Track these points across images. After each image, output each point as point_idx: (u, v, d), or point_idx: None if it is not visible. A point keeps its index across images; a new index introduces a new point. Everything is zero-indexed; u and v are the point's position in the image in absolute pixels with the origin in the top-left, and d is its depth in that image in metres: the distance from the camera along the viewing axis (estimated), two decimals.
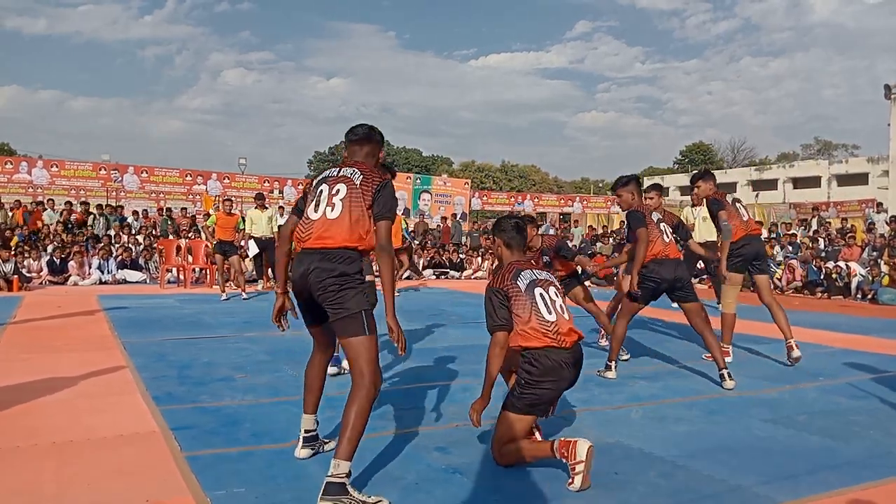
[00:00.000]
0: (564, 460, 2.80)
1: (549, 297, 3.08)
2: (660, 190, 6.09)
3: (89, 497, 2.64)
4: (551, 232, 18.00)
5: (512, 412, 3.02)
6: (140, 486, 2.74)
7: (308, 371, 3.16)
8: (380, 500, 2.60)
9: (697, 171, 6.20)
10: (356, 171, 2.91)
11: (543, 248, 5.85)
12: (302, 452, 3.12)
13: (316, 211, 2.86)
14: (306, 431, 3.15)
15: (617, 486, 2.87)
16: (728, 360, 5.42)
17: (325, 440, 3.24)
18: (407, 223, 13.66)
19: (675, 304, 10.05)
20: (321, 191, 2.90)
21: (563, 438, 2.86)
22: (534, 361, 2.98)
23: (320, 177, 3.01)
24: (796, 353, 5.42)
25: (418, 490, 2.78)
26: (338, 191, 2.86)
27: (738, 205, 5.79)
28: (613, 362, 5.06)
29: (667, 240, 4.93)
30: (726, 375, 4.66)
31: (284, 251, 3.04)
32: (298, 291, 2.89)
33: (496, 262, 3.40)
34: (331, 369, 4.79)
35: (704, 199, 5.80)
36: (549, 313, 3.03)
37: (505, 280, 3.08)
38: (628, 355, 5.77)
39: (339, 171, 2.95)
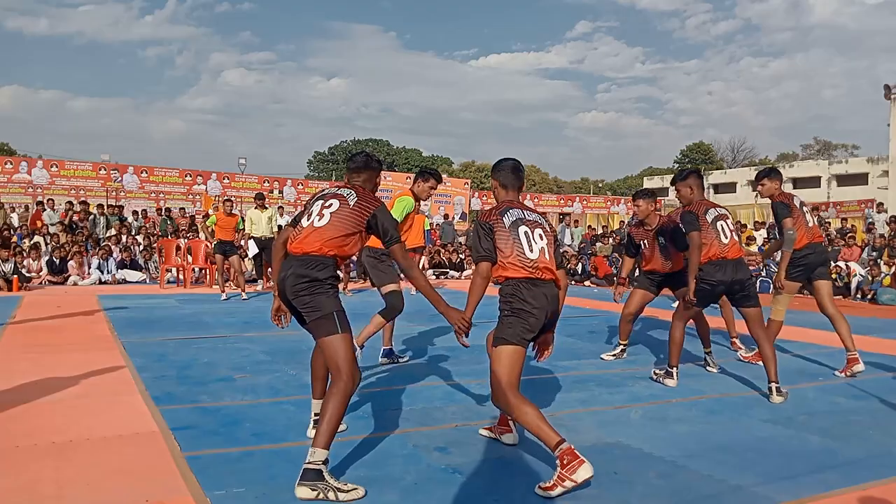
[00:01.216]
0: (559, 465, 2.74)
1: (533, 238, 3.12)
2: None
3: (89, 497, 2.64)
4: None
5: (504, 345, 3.03)
6: (140, 486, 2.74)
7: (314, 361, 3.40)
8: (356, 489, 2.71)
9: (764, 167, 5.63)
10: (352, 192, 3.16)
11: (660, 229, 5.44)
12: (312, 432, 3.21)
13: (307, 221, 3.10)
14: (316, 415, 3.35)
15: (617, 486, 2.87)
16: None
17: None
18: (431, 225, 13.59)
19: (675, 305, 10.08)
20: (317, 204, 3.16)
21: (573, 447, 2.78)
22: (516, 289, 3.05)
23: (318, 193, 3.27)
24: (859, 366, 5.15)
25: (418, 490, 2.78)
26: (330, 204, 3.11)
27: (804, 209, 5.32)
28: (675, 367, 4.79)
29: (725, 240, 4.57)
30: (773, 389, 4.38)
31: (278, 258, 3.19)
32: (280, 294, 3.11)
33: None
34: (381, 360, 5.32)
35: (770, 200, 5.34)
36: (531, 251, 3.08)
37: (492, 215, 3.16)
38: (618, 349, 5.84)
39: (336, 190, 3.20)
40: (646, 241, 5.56)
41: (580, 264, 14.94)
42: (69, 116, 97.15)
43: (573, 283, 14.59)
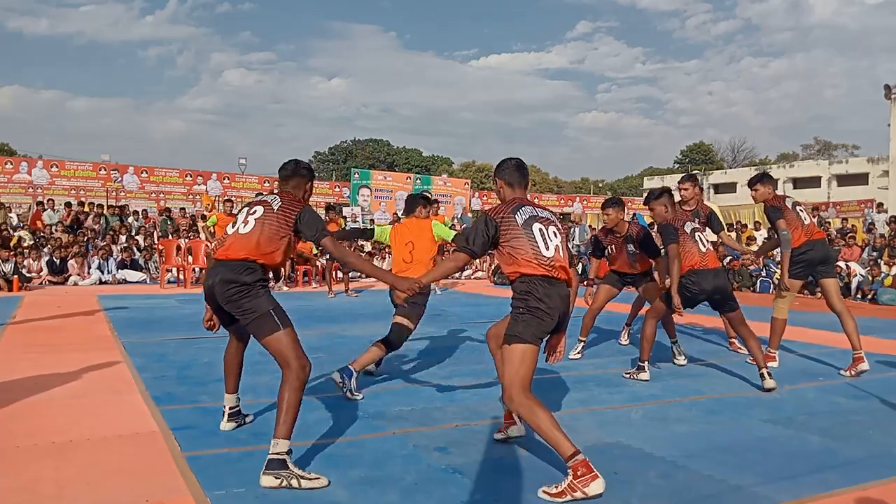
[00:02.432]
0: (571, 474, 2.69)
1: (549, 235, 3.06)
2: (695, 180, 5.88)
3: (89, 497, 2.64)
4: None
5: (518, 343, 2.94)
6: (140, 486, 2.74)
7: (226, 357, 3.55)
8: (318, 478, 2.80)
9: (756, 174, 5.84)
10: (276, 198, 3.24)
11: (628, 236, 5.61)
12: (227, 425, 3.53)
13: (233, 228, 3.21)
14: (230, 408, 3.57)
15: (617, 486, 2.87)
16: (774, 365, 5.30)
17: (247, 414, 3.68)
18: (455, 225, 13.58)
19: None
20: (242, 213, 3.27)
21: (588, 461, 2.72)
22: (532, 286, 2.98)
23: (247, 202, 3.41)
24: (864, 365, 5.16)
25: (418, 490, 2.78)
26: (255, 211, 3.20)
27: (798, 209, 5.46)
28: (646, 362, 4.97)
29: (703, 249, 4.84)
30: (766, 375, 4.63)
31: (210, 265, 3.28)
32: (208, 298, 3.23)
33: (495, 264, 3.45)
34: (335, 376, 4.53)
35: (763, 205, 5.53)
36: (547, 249, 3.02)
37: (504, 211, 3.08)
38: (580, 346, 5.91)
39: (262, 197, 3.32)
40: (613, 246, 5.77)
41: (580, 264, 14.91)
42: (69, 116, 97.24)
43: (584, 284, 14.58)
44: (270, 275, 3.34)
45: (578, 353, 5.82)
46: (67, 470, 2.92)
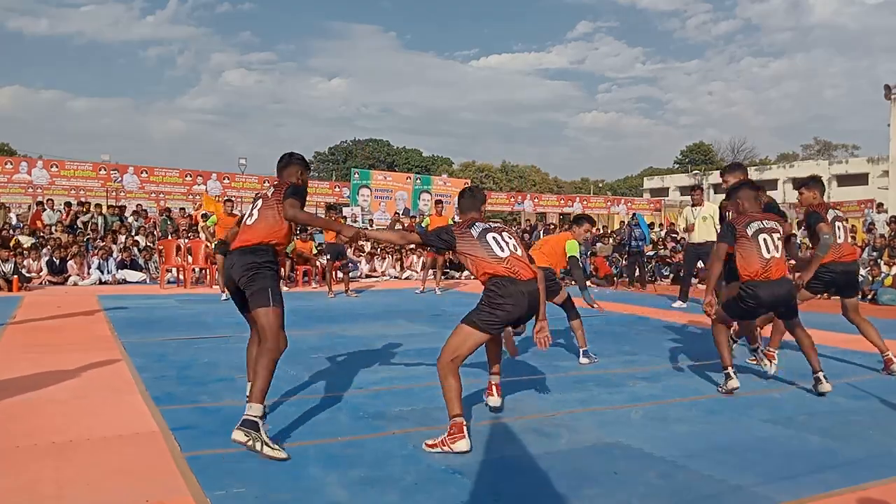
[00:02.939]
0: (447, 431, 3.24)
1: (503, 240, 3.56)
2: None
3: (89, 497, 2.64)
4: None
5: (469, 326, 3.44)
6: (140, 486, 2.74)
7: (249, 349, 3.81)
8: (280, 450, 3.09)
9: (807, 176, 5.53)
10: (271, 186, 3.67)
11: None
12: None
13: (246, 221, 3.65)
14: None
15: (617, 486, 2.87)
16: (773, 363, 5.05)
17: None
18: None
19: (674, 305, 10.06)
20: (249, 208, 3.71)
21: (463, 424, 3.24)
22: (497, 286, 3.44)
23: (252, 200, 3.84)
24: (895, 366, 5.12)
25: (418, 490, 2.78)
26: (257, 204, 3.65)
27: (837, 223, 5.17)
28: (730, 369, 4.57)
29: (766, 255, 4.31)
30: (821, 378, 4.48)
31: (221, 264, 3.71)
32: (226, 283, 3.70)
33: None
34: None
35: (805, 210, 5.25)
36: (502, 251, 3.51)
37: (461, 227, 3.64)
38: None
39: (260, 192, 3.77)
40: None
41: (581, 265, 14.94)
42: (69, 116, 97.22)
43: (573, 283, 14.58)
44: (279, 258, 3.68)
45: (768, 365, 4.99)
46: (67, 470, 2.92)
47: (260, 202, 3.61)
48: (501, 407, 3.95)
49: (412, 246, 16.34)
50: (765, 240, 4.35)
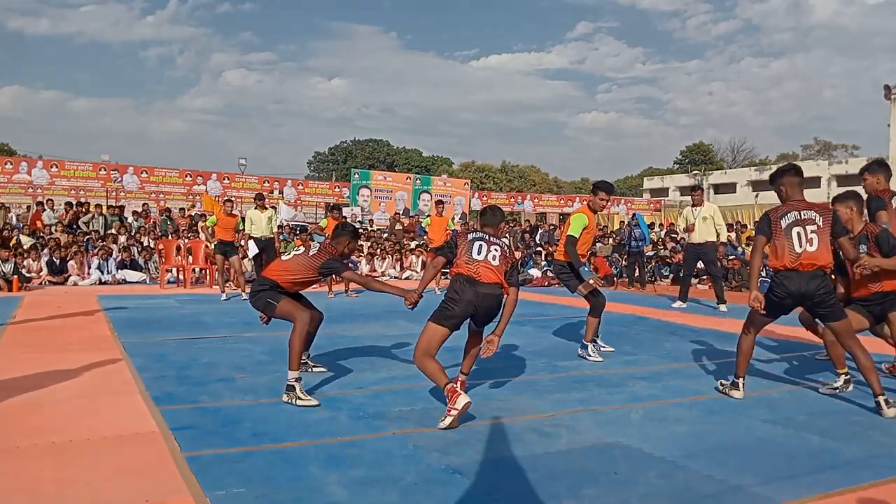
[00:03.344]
0: (447, 399, 3.64)
1: (486, 249, 4.02)
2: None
3: (89, 497, 2.64)
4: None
5: (433, 322, 3.94)
6: (140, 486, 2.74)
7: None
8: (310, 399, 4.06)
9: (871, 160, 5.21)
10: (320, 245, 4.70)
11: (861, 236, 4.61)
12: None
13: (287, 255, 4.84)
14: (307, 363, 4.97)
15: (617, 486, 2.87)
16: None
17: (315, 364, 5.12)
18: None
19: (674, 306, 10.04)
20: (295, 245, 4.71)
21: (455, 387, 3.68)
22: (453, 283, 3.99)
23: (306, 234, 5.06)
24: None
25: (418, 490, 2.78)
26: (300, 249, 4.70)
27: None
28: (741, 379, 4.48)
29: (798, 249, 4.13)
30: (882, 403, 4.06)
31: None
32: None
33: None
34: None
35: (867, 194, 4.98)
36: (478, 255, 3.99)
37: (463, 234, 4.18)
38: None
39: (315, 242, 4.94)
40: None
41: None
42: (69, 116, 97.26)
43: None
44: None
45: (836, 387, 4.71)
46: (67, 470, 2.92)
47: (302, 248, 4.70)
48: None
49: (413, 245, 16.37)
50: (798, 233, 4.17)
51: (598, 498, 2.73)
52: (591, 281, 5.60)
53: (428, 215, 13.62)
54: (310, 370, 4.95)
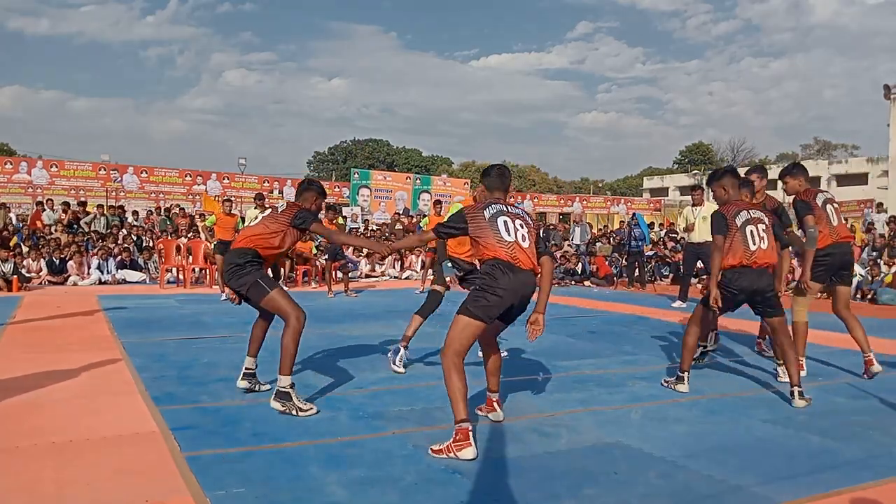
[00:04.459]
0: (452, 437, 3.17)
1: (514, 226, 3.43)
2: (762, 173, 5.33)
3: (89, 497, 2.64)
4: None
5: (464, 315, 3.36)
6: (140, 486, 2.74)
7: (253, 327, 4.31)
8: (312, 408, 3.78)
9: (790, 164, 5.48)
10: (284, 204, 4.18)
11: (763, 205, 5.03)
12: (241, 384, 4.30)
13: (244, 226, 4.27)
14: (247, 369, 4.32)
15: (617, 486, 2.87)
16: (802, 374, 4.93)
17: (261, 382, 4.34)
18: None
19: (674, 305, 10.04)
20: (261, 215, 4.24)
21: (469, 430, 3.17)
22: (489, 269, 3.36)
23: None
24: (876, 367, 5.10)
25: (418, 490, 2.78)
26: (266, 213, 4.21)
27: (829, 207, 5.14)
28: (685, 373, 4.63)
29: (752, 247, 4.32)
30: (796, 393, 4.28)
31: None
32: (221, 278, 4.39)
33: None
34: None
35: (793, 198, 5.19)
36: (508, 235, 3.39)
37: (475, 209, 3.52)
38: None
39: (278, 207, 4.22)
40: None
41: (580, 264, 14.94)
42: (69, 116, 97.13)
43: (573, 283, 14.58)
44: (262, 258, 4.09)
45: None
46: (67, 470, 2.92)
47: (269, 211, 4.18)
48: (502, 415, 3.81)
49: None
50: (752, 231, 4.35)
51: (598, 498, 2.73)
52: (448, 279, 5.37)
53: (426, 215, 13.62)
54: (258, 387, 4.31)
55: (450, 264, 5.16)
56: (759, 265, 4.34)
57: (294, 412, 3.70)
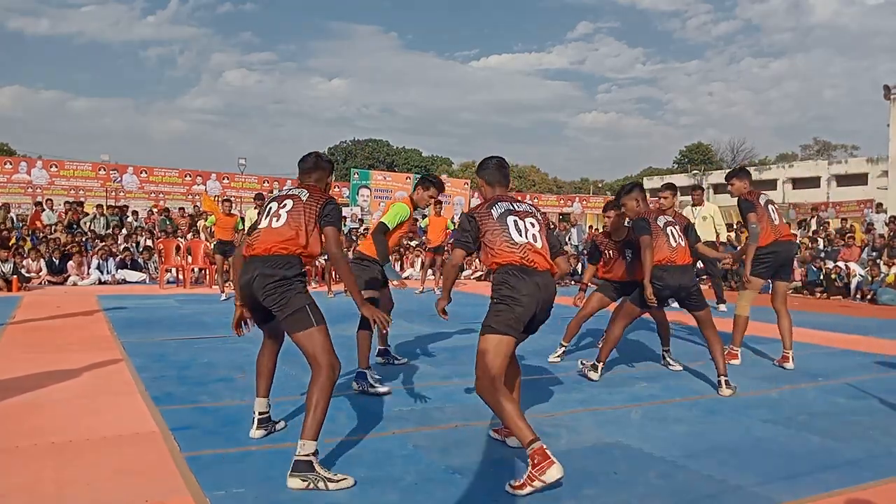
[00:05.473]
0: (530, 464, 2.72)
1: (524, 225, 3.15)
2: (674, 190, 6.05)
3: (89, 497, 2.64)
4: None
5: (490, 334, 3.02)
6: (140, 486, 2.74)
7: (259, 359, 3.48)
8: (345, 478, 2.78)
9: (735, 167, 5.97)
10: (304, 190, 3.22)
11: (628, 241, 5.27)
12: (257, 433, 3.41)
13: (265, 224, 3.15)
14: (260, 413, 3.45)
15: (617, 486, 2.87)
16: (735, 362, 5.45)
17: (276, 421, 3.56)
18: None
19: (674, 305, 10.07)
20: (271, 207, 3.22)
21: (545, 448, 2.74)
22: (503, 277, 3.07)
23: (272, 195, 3.35)
24: (790, 364, 5.43)
25: (418, 490, 2.78)
26: (285, 205, 3.16)
27: (770, 207, 5.54)
28: (601, 363, 4.97)
29: (673, 244, 4.75)
30: (723, 382, 4.56)
31: (239, 266, 3.25)
32: (244, 297, 3.17)
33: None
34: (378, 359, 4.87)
35: (737, 199, 5.58)
36: (520, 236, 3.11)
37: (481, 208, 3.23)
38: (561, 350, 5.75)
39: (289, 190, 3.27)
40: (610, 252, 5.47)
41: (580, 264, 14.92)
42: (69, 116, 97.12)
43: (573, 283, 14.57)
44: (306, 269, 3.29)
45: (558, 356, 5.68)
46: (67, 470, 2.91)
47: (290, 203, 3.14)
48: None
49: (414, 243, 16.36)
50: (672, 231, 4.81)
51: (598, 498, 2.73)
52: (396, 283, 4.93)
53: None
54: (274, 428, 3.55)
55: (390, 265, 4.65)
56: (680, 263, 4.74)
57: (321, 486, 2.72)
